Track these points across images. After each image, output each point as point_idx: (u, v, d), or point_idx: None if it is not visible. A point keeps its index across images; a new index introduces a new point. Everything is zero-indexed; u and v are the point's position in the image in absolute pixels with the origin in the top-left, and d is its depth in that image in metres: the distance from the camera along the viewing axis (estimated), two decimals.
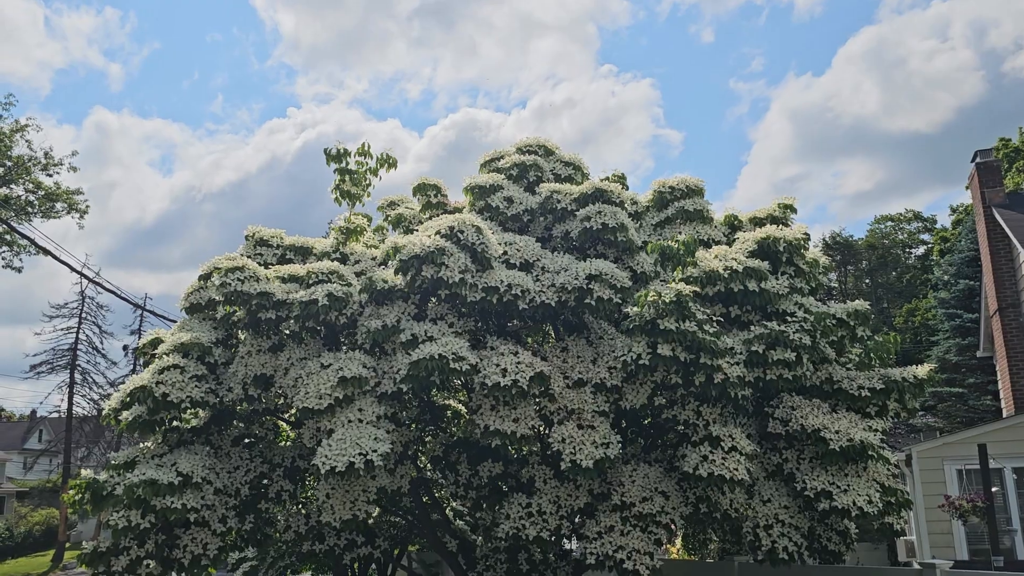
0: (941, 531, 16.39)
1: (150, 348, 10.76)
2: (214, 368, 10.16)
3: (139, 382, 9.54)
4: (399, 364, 8.87)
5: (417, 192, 11.63)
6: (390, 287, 9.33)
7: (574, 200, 10.17)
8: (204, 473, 9.65)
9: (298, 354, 9.57)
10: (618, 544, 8.78)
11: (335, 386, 8.78)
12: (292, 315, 9.29)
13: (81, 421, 46.67)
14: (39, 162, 41.24)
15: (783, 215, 11.09)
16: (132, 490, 9.01)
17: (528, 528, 9.06)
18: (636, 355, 8.43)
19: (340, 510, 8.97)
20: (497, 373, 8.68)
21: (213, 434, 10.86)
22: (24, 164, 40.67)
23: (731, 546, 13.48)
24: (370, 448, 8.41)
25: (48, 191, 41.26)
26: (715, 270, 8.97)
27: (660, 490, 9.05)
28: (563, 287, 9.04)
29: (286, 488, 10.76)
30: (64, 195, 41.45)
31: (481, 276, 9.07)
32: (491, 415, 8.86)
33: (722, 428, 8.77)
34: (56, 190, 41.33)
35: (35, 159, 41.07)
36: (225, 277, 9.37)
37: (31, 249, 41.74)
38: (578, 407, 8.93)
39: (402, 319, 9.21)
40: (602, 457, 8.56)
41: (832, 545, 10.13)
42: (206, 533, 10.03)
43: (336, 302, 9.12)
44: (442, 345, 8.61)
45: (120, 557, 9.80)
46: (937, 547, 16.93)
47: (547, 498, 9.22)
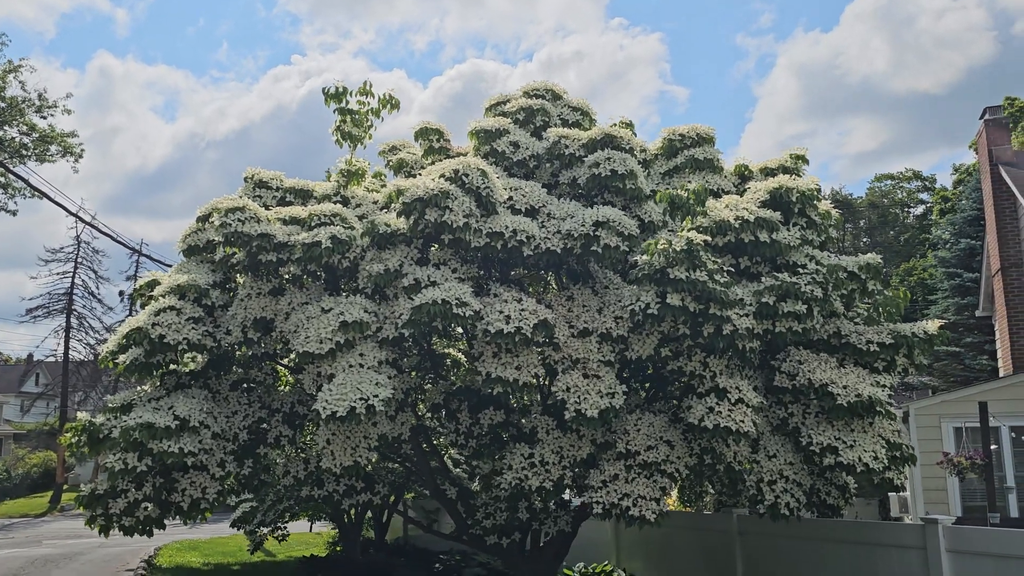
0: (936, 487, 16.43)
1: (147, 290, 10.58)
2: (212, 311, 9.99)
3: (135, 324, 9.38)
4: (401, 309, 8.71)
5: (419, 137, 11.36)
6: (392, 231, 9.13)
7: (582, 146, 9.92)
8: (201, 417, 9.53)
9: (299, 298, 9.40)
10: (623, 491, 8.70)
11: (336, 331, 8.62)
12: (294, 258, 9.09)
13: (78, 365, 46.80)
14: (33, 103, 40.65)
15: (795, 166, 10.85)
16: (128, 433, 8.89)
17: (531, 479, 8.97)
18: (644, 304, 8.27)
19: (341, 456, 8.87)
20: (500, 320, 8.52)
21: (211, 378, 10.73)
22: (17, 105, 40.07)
23: (728, 499, 13.48)
24: (371, 393, 8.27)
25: (42, 133, 40.71)
26: (726, 220, 8.76)
27: (665, 439, 8.95)
28: (569, 234, 8.84)
29: (285, 433, 10.66)
30: (58, 138, 40.92)
31: (486, 221, 8.87)
32: (493, 362, 8.72)
33: (729, 380, 8.65)
34: (51, 132, 40.79)
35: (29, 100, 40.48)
36: (225, 217, 9.16)
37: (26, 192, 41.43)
38: (583, 356, 8.79)
39: (405, 263, 9.02)
40: (607, 407, 8.43)
41: (831, 499, 10.09)
42: (204, 477, 9.95)
43: (339, 245, 8.92)
44: (445, 290, 8.44)
45: (118, 500, 9.72)
46: (931, 503, 16.98)
47: (549, 448, 9.12)
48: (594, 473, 8.99)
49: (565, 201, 9.43)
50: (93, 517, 10.04)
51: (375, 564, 17.16)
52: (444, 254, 9.22)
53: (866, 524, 11.57)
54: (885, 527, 10.29)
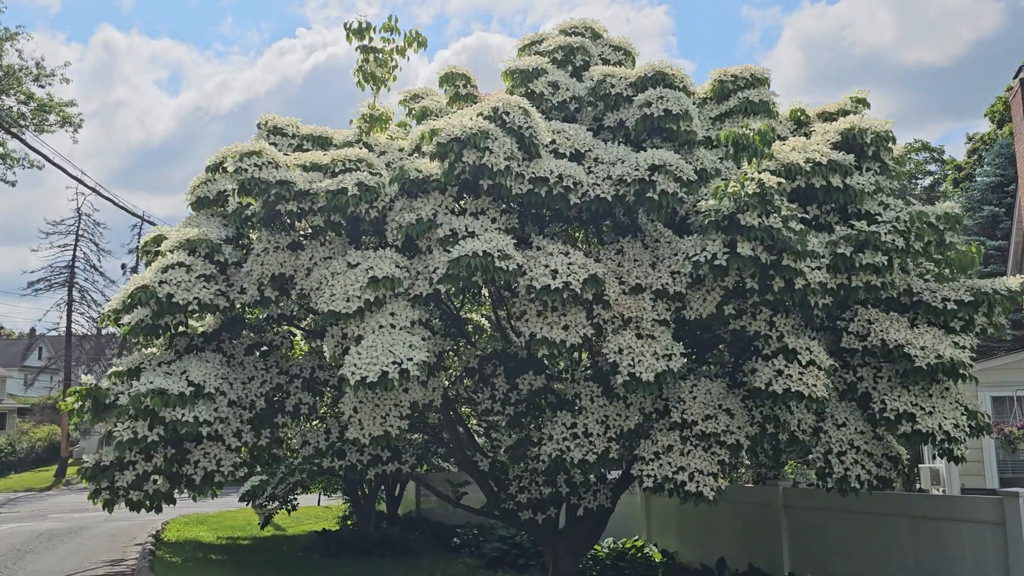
0: (972, 459, 15.69)
1: (153, 246, 9.75)
2: (224, 268, 9.17)
3: (141, 281, 8.56)
4: (436, 263, 7.88)
5: (444, 83, 10.46)
6: (425, 177, 8.27)
7: (630, 85, 9.03)
8: (217, 383, 8.74)
9: (321, 253, 8.56)
10: (679, 464, 7.92)
11: (365, 287, 7.80)
12: (316, 207, 8.25)
13: (81, 339, 46.47)
14: (31, 72, 39.67)
15: (855, 110, 9.97)
16: (139, 400, 8.11)
17: (573, 450, 8.18)
18: (711, 255, 7.42)
19: (369, 425, 8.08)
20: (546, 274, 7.69)
21: (224, 341, 9.93)
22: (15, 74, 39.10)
23: (768, 471, 12.72)
24: (405, 356, 7.47)
25: (41, 102, 39.77)
26: (795, 163, 7.89)
27: (724, 407, 8.15)
28: (621, 179, 7.99)
29: (305, 401, 9.87)
30: (57, 107, 39.98)
31: (528, 165, 8.02)
32: (537, 322, 7.91)
33: (798, 340, 7.83)
34: (49, 101, 39.83)
35: (26, 69, 39.50)
36: (240, 163, 8.29)
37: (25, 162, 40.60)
38: (636, 315, 7.97)
39: (439, 213, 8.18)
40: (664, 370, 7.63)
41: (883, 472, 9.31)
42: (219, 448, 9.18)
43: (367, 192, 8.07)
44: (486, 241, 7.60)
45: (125, 472, 8.96)
46: (967, 475, 16.30)
47: (594, 418, 8.32)
48: (645, 444, 8.20)
49: (612, 145, 8.57)
50: (97, 491, 9.28)
51: (390, 538, 16.65)
52: (482, 203, 8.36)
53: (933, 497, 10.82)
54: (957, 501, 9.53)
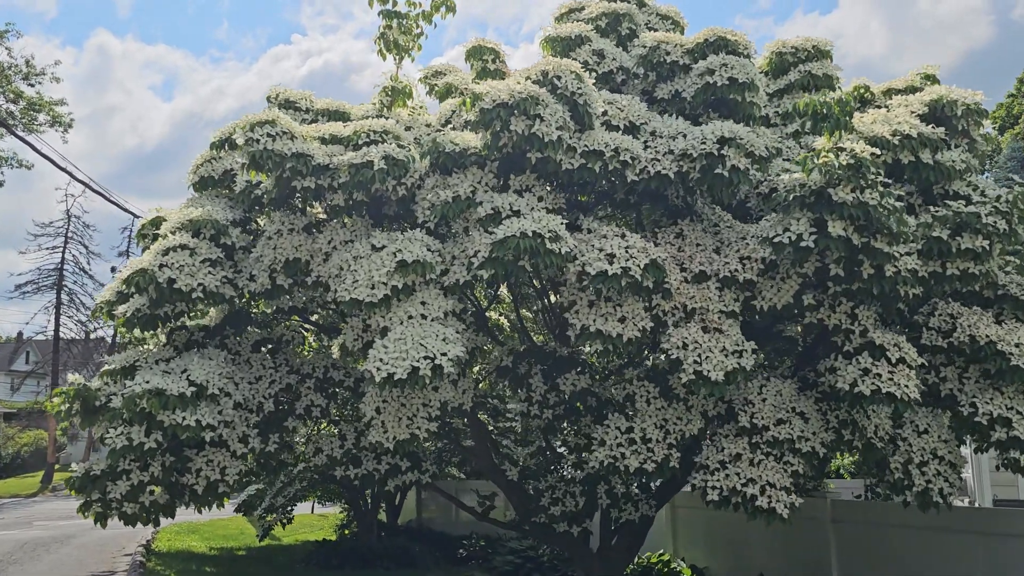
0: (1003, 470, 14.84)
1: (151, 229, 8.76)
2: (231, 253, 8.21)
3: (138, 265, 7.60)
4: (476, 246, 6.94)
5: (470, 57, 9.51)
6: (461, 150, 7.33)
7: (687, 52, 8.12)
8: (221, 383, 7.79)
9: (341, 235, 7.61)
10: (748, 476, 7.00)
11: (392, 272, 6.85)
12: (338, 183, 7.30)
13: (69, 343, 45.44)
14: (20, 70, 38.72)
15: (922, 88, 9.08)
16: (134, 401, 7.13)
17: (628, 457, 7.26)
18: (795, 235, 6.50)
19: (395, 428, 7.13)
20: (602, 259, 6.77)
21: (228, 336, 8.97)
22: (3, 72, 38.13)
23: (813, 482, 11.82)
24: (438, 350, 6.54)
25: (30, 101, 38.78)
26: (880, 135, 6.97)
27: (798, 411, 7.24)
28: (684, 154, 7.07)
29: (317, 403, 8.92)
30: (47, 106, 38.99)
31: (580, 137, 7.10)
32: (589, 313, 6.98)
33: (884, 335, 6.93)
34: (38, 100, 38.85)
35: (16, 67, 38.54)
36: (252, 132, 7.32)
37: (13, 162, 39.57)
38: (700, 306, 7.05)
39: (478, 190, 7.24)
40: (735, 368, 6.71)
41: None
42: (224, 455, 8.21)
43: (395, 167, 7.13)
44: (534, 221, 6.67)
45: (118, 482, 7.98)
46: (998, 486, 15.53)
47: (652, 421, 7.40)
48: (708, 451, 7.28)
49: (669, 118, 7.67)
50: (87, 503, 8.27)
51: (393, 549, 15.75)
52: (526, 179, 7.42)
53: (1005, 512, 9.92)
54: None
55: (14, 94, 38.74)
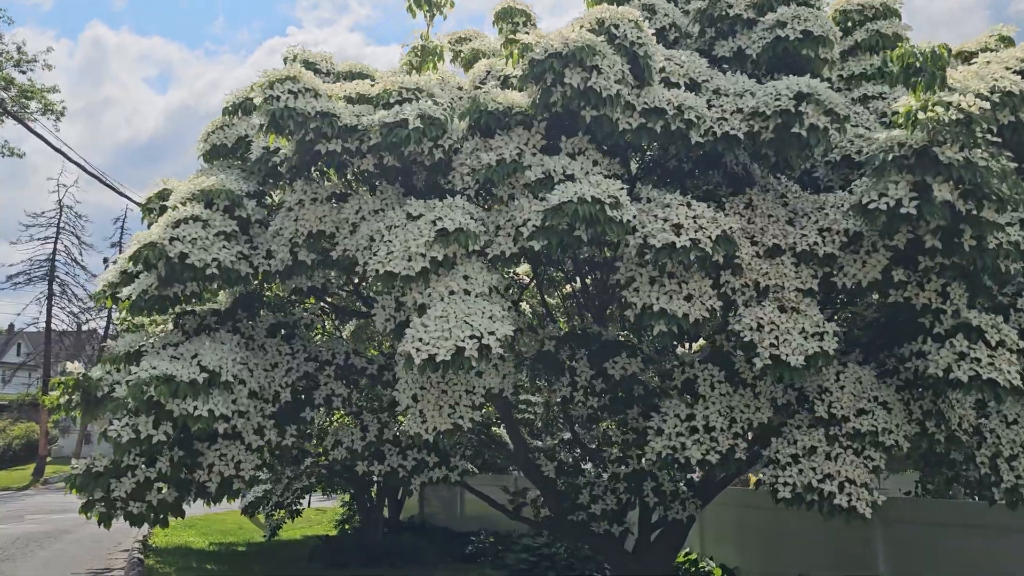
0: None
1: (157, 201, 7.98)
2: (246, 226, 7.46)
3: (147, 238, 6.84)
4: (524, 214, 6.18)
5: (499, 20, 8.76)
6: (505, 108, 6.58)
7: (751, 5, 7.37)
8: (235, 370, 7.04)
9: (371, 204, 6.85)
10: (825, 471, 6.29)
11: (431, 243, 6.11)
12: (367, 146, 6.55)
13: (61, 335, 44.66)
14: (11, 57, 37.86)
15: (997, 50, 8.36)
16: (140, 389, 6.38)
17: (689, 447, 6.54)
18: (893, 201, 5.76)
19: (435, 418, 6.39)
20: (667, 230, 6.04)
21: (241, 320, 8.22)
22: None
23: None
24: (485, 329, 5.81)
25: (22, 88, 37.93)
26: (979, 92, 6.25)
27: (880, 400, 6.52)
28: (756, 112, 6.34)
29: (338, 392, 8.17)
30: (38, 93, 38.12)
31: (639, 94, 6.36)
32: (651, 291, 6.25)
33: (980, 316, 6.21)
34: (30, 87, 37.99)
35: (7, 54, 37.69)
36: (271, 90, 6.54)
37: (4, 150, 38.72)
38: (775, 283, 6.33)
39: (525, 152, 6.49)
40: (816, 352, 6.00)
41: None
42: (238, 448, 7.47)
43: (432, 126, 6.37)
44: (593, 185, 5.94)
45: (123, 480, 7.22)
46: None
47: (716, 408, 6.68)
48: (778, 444, 6.57)
49: (732, 76, 6.94)
50: (90, 502, 7.50)
51: (398, 546, 15.05)
52: (579, 142, 6.67)
53: None
54: None
55: (5, 81, 37.84)
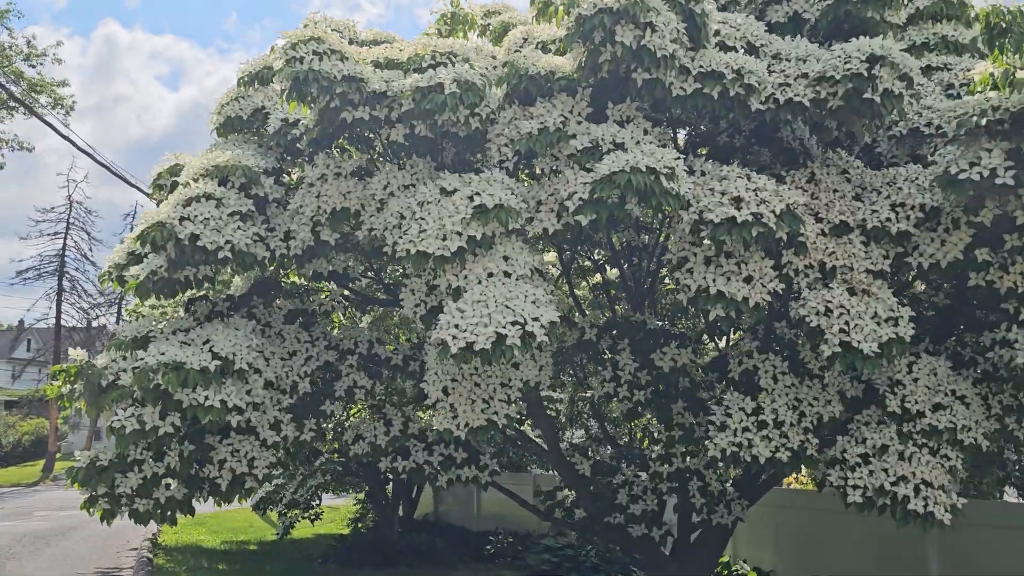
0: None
1: (167, 178, 7.46)
2: (263, 206, 6.93)
3: (155, 218, 6.31)
4: (570, 186, 5.63)
5: None
6: (547, 73, 6.02)
7: None
8: (250, 358, 6.51)
9: (399, 179, 6.31)
10: (898, 473, 5.72)
11: (468, 220, 5.57)
12: (397, 114, 6.01)
13: (70, 331, 44.44)
14: (21, 51, 37.61)
15: None
16: (147, 376, 5.86)
17: (756, 444, 5.97)
18: (986, 171, 5.18)
19: (467, 413, 5.84)
20: (725, 205, 5.49)
21: (257, 306, 7.70)
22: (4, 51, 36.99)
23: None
24: (528, 314, 5.26)
25: (31, 82, 37.63)
26: None
27: (958, 394, 5.94)
28: (823, 77, 5.77)
29: (360, 384, 7.63)
30: (48, 87, 37.82)
31: (694, 57, 5.80)
32: (706, 271, 5.69)
33: None
34: (40, 81, 37.70)
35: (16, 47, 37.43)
36: (294, 51, 6.00)
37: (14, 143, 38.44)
38: (843, 263, 5.77)
39: (569, 120, 5.94)
40: (890, 339, 5.44)
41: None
42: (252, 443, 6.93)
43: (469, 91, 5.81)
44: (647, 154, 5.38)
45: (128, 475, 6.69)
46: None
47: (783, 401, 6.12)
48: (846, 442, 6.00)
49: (790, 40, 6.37)
50: (93, 498, 6.96)
51: (414, 545, 14.58)
52: (627, 109, 6.11)
53: None
54: None
55: (14, 74, 37.57)
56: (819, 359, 6.00)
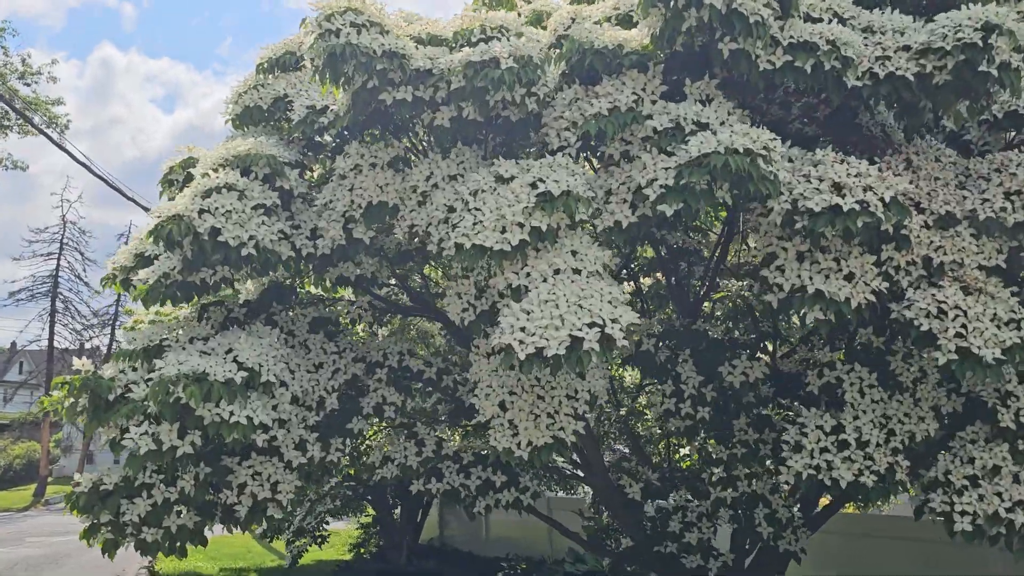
0: None
1: (180, 173, 6.77)
2: (288, 201, 6.25)
3: (171, 210, 5.62)
4: (648, 172, 4.95)
5: None
6: (615, 47, 5.37)
7: None
8: (277, 369, 5.81)
9: (444, 169, 5.63)
10: (1014, 498, 5.03)
11: (532, 209, 4.90)
12: (449, 92, 5.35)
13: (63, 352, 43.57)
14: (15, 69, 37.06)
15: None
16: (166, 389, 5.15)
17: (838, 467, 5.29)
18: None
19: (530, 431, 5.14)
20: (825, 191, 4.83)
21: (278, 313, 7.00)
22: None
23: None
24: (607, 316, 4.58)
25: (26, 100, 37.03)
26: None
27: None
28: (929, 49, 5.13)
29: (390, 400, 6.92)
30: (42, 106, 37.22)
31: (782, 27, 5.17)
32: (799, 268, 5.03)
33: None
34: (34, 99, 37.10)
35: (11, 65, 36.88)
36: (330, 23, 5.34)
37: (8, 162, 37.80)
38: (951, 259, 5.11)
39: (643, 100, 5.28)
40: (1015, 343, 4.77)
41: None
42: (275, 466, 6.21)
43: (527, 67, 5.16)
44: (740, 134, 4.73)
45: (136, 501, 5.95)
46: None
47: (868, 419, 5.44)
48: (948, 461, 5.32)
49: (879, 13, 5.74)
50: (94, 526, 6.22)
51: (423, 571, 14.01)
52: (707, 87, 5.44)
53: None
54: None
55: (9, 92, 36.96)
56: (911, 370, 5.36)
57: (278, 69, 6.79)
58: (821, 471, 5.36)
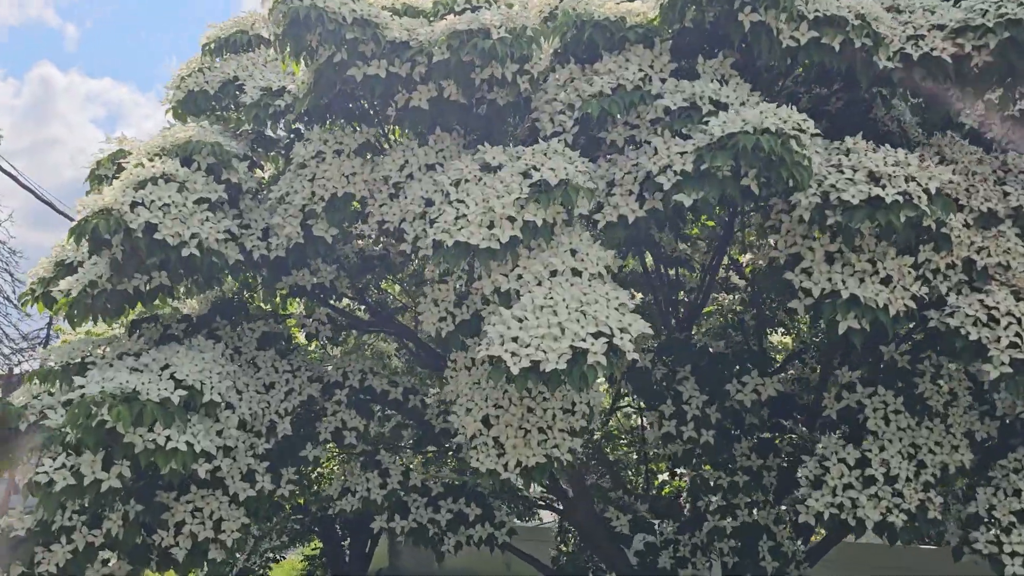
0: None
1: (110, 167, 5.90)
2: (236, 198, 5.46)
3: (99, 204, 4.79)
4: (662, 157, 4.29)
5: None
6: (617, 20, 4.72)
7: None
8: (222, 388, 5.01)
9: (421, 158, 4.91)
10: None
11: (523, 202, 4.21)
12: (431, 66, 4.64)
13: None
14: None
15: None
16: (87, 411, 4.30)
17: (863, 505, 4.67)
18: None
19: (519, 449, 4.41)
20: (861, 182, 4.23)
21: (222, 328, 6.18)
22: None
23: None
24: (615, 325, 3.90)
25: None
26: None
27: None
28: (967, 26, 4.59)
29: (351, 424, 6.13)
30: None
31: (807, 0, 4.58)
32: (829, 271, 4.41)
33: None
34: None
35: None
36: None
37: None
38: (996, 261, 4.54)
39: (651, 77, 4.63)
40: None
41: None
42: (219, 501, 5.38)
43: (519, 40, 4.49)
44: (768, 114, 4.10)
45: (53, 548, 5.05)
46: None
47: (895, 449, 4.82)
48: (989, 496, 4.73)
49: None
50: None
51: None
52: (720, 66, 4.81)
53: None
54: None
55: None
56: (942, 391, 4.79)
57: (227, 50, 6.03)
58: (844, 510, 4.74)
